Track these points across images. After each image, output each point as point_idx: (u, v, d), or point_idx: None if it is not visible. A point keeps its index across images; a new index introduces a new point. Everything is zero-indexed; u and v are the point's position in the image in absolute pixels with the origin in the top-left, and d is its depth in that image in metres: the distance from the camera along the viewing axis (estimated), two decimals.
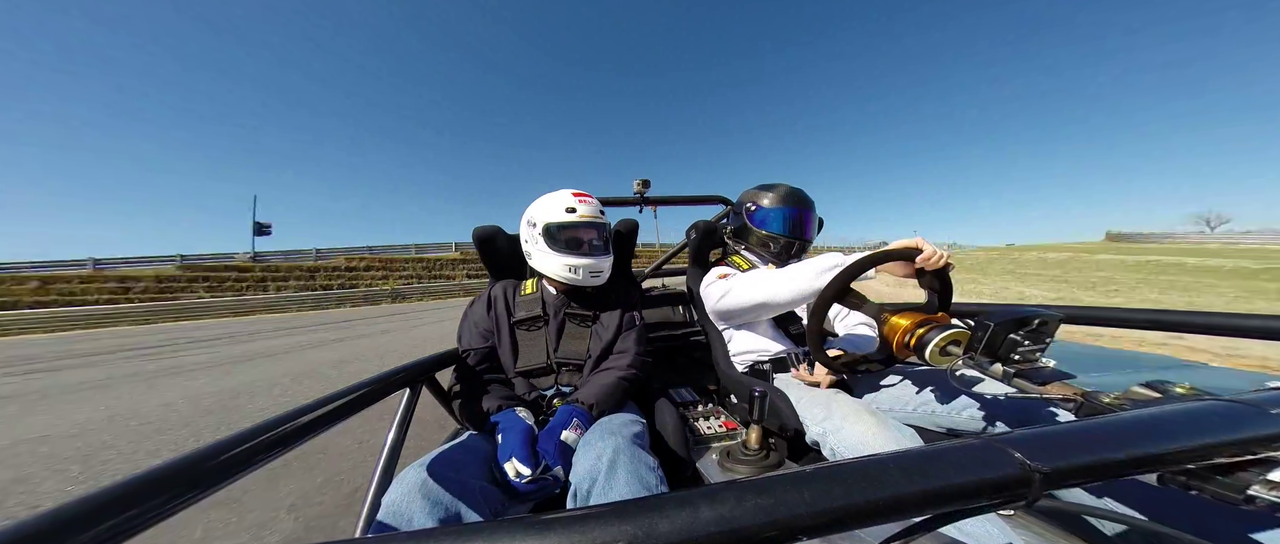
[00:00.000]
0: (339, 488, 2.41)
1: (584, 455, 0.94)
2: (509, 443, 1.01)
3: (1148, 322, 1.08)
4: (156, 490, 0.46)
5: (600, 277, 1.40)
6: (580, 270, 1.36)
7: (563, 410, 1.12)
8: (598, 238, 1.41)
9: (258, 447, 0.59)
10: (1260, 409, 0.38)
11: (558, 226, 1.37)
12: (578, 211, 1.37)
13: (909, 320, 1.10)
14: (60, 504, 0.40)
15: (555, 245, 1.37)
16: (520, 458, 0.96)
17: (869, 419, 1.03)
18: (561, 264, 1.36)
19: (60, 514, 0.39)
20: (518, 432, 1.04)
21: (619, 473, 0.88)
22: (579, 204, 1.38)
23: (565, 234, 1.37)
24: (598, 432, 1.02)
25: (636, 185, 2.52)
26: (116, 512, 0.42)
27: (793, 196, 1.65)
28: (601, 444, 0.93)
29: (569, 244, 1.37)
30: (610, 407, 1.20)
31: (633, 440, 0.96)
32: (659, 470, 0.95)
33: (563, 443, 1.02)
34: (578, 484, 0.90)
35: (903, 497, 0.30)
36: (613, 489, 0.86)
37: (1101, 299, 11.04)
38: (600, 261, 1.38)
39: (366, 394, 0.85)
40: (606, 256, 1.41)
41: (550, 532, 0.27)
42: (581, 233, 1.39)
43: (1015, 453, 0.33)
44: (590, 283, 1.39)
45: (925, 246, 1.05)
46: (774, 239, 1.63)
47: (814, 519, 0.29)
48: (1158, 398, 0.77)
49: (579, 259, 1.36)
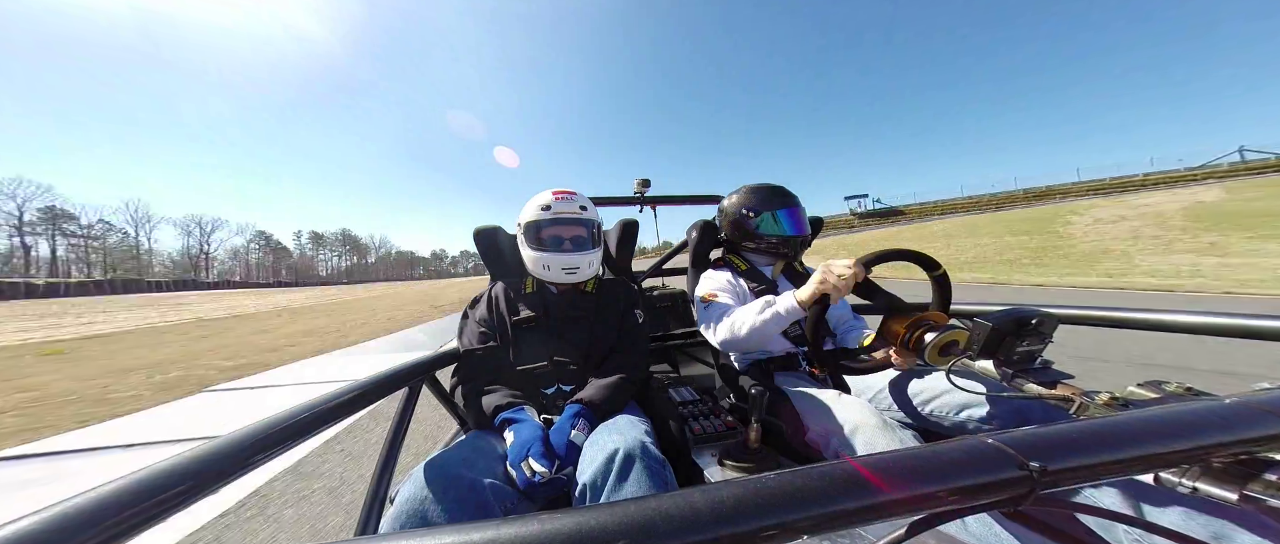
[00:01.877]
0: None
1: (593, 454, 0.94)
2: (522, 441, 1.01)
3: (1148, 322, 1.09)
4: (157, 491, 0.46)
5: (577, 273, 1.38)
6: (552, 266, 1.35)
7: (570, 409, 1.12)
8: (578, 234, 1.39)
9: (258, 446, 0.59)
10: (1256, 410, 0.39)
11: (536, 225, 1.37)
12: (553, 208, 1.36)
13: (908, 320, 1.11)
14: (60, 503, 0.40)
15: (535, 243, 1.37)
16: (536, 456, 0.97)
17: (868, 418, 1.04)
18: (539, 263, 1.36)
19: (61, 514, 0.39)
20: (531, 430, 1.04)
21: (630, 472, 0.88)
22: (556, 201, 1.37)
23: (543, 232, 1.37)
24: (605, 431, 1.02)
25: (636, 185, 2.52)
26: (115, 513, 0.42)
27: (786, 196, 1.65)
28: (611, 444, 0.93)
29: (547, 242, 1.37)
30: (615, 407, 1.20)
31: (642, 440, 0.96)
32: (666, 467, 0.96)
33: (571, 443, 1.03)
34: (587, 483, 0.90)
35: (902, 496, 0.31)
36: (624, 488, 0.87)
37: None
38: (576, 258, 1.36)
39: (366, 394, 0.85)
40: (586, 253, 1.39)
41: (553, 529, 0.27)
42: (559, 230, 1.38)
43: (1013, 452, 0.33)
44: (565, 280, 1.38)
45: (829, 276, 1.13)
46: (775, 240, 1.63)
47: (814, 518, 0.29)
48: (1155, 398, 0.77)
49: (552, 256, 1.35)
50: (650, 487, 0.88)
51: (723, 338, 1.42)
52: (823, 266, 1.17)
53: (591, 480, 0.89)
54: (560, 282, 1.39)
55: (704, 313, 1.57)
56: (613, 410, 1.18)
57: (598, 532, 0.27)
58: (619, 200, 2.57)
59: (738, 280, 1.62)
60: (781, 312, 1.25)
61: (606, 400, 1.18)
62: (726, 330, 1.39)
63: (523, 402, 1.19)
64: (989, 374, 1.20)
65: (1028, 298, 5.31)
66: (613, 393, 1.21)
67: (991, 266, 13.94)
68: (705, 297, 1.59)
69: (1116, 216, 18.59)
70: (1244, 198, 18.69)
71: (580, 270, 1.38)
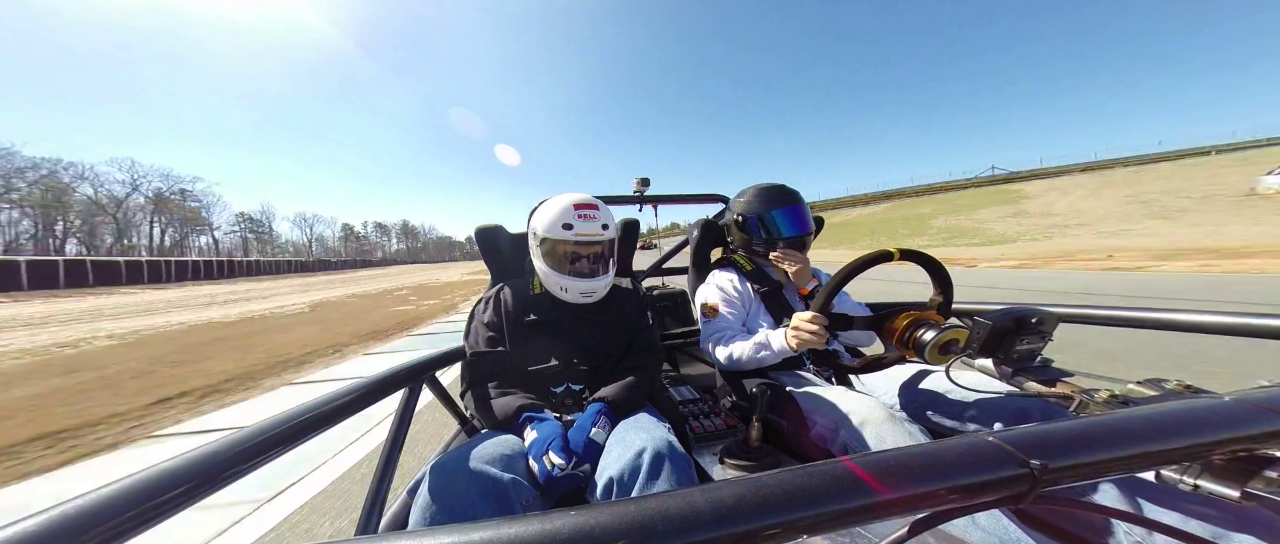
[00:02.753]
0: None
1: (620, 451, 0.95)
2: (544, 436, 1.02)
3: (1147, 321, 1.09)
4: (157, 491, 0.46)
5: (592, 297, 1.36)
6: (570, 290, 1.32)
7: (593, 407, 1.13)
8: (596, 257, 1.33)
9: (257, 447, 0.59)
10: (1256, 407, 0.39)
11: (555, 243, 1.30)
12: (576, 229, 1.26)
13: (908, 319, 1.11)
14: (60, 503, 0.40)
15: (551, 261, 1.32)
16: (556, 450, 0.98)
17: (869, 416, 1.04)
18: (554, 282, 1.33)
19: (61, 514, 0.39)
20: (552, 427, 1.06)
21: (661, 470, 0.90)
22: (579, 220, 1.27)
23: (562, 250, 1.30)
24: (630, 429, 1.04)
25: (636, 183, 2.52)
26: (116, 513, 0.42)
27: (788, 195, 1.65)
28: (639, 441, 0.95)
29: (566, 260, 1.31)
30: (634, 406, 1.21)
31: (669, 439, 0.97)
32: (692, 468, 0.97)
33: (591, 440, 1.04)
34: (614, 477, 0.91)
35: (903, 493, 0.31)
36: (655, 485, 0.88)
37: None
38: (593, 283, 1.32)
39: (366, 394, 0.85)
40: (602, 277, 1.35)
41: (553, 529, 0.27)
42: (580, 250, 1.30)
43: (1014, 450, 0.33)
44: (581, 302, 1.36)
45: (801, 334, 1.17)
46: (779, 241, 1.63)
47: (816, 516, 0.29)
48: (1155, 396, 0.77)
49: (570, 281, 1.31)
50: (679, 485, 0.88)
51: (721, 363, 1.48)
52: (792, 327, 1.19)
53: (619, 475, 0.90)
54: (576, 303, 1.36)
55: (705, 326, 1.59)
56: (632, 409, 1.19)
57: (598, 531, 0.27)
58: (619, 199, 2.57)
59: (742, 283, 1.62)
60: (774, 351, 1.30)
61: (627, 400, 1.19)
62: (724, 358, 1.44)
63: (542, 403, 1.21)
64: (989, 373, 1.20)
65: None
66: (631, 392, 1.22)
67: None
68: (706, 309, 1.60)
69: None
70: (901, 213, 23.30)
71: (597, 293, 1.35)
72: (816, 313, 1.15)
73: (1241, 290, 6.42)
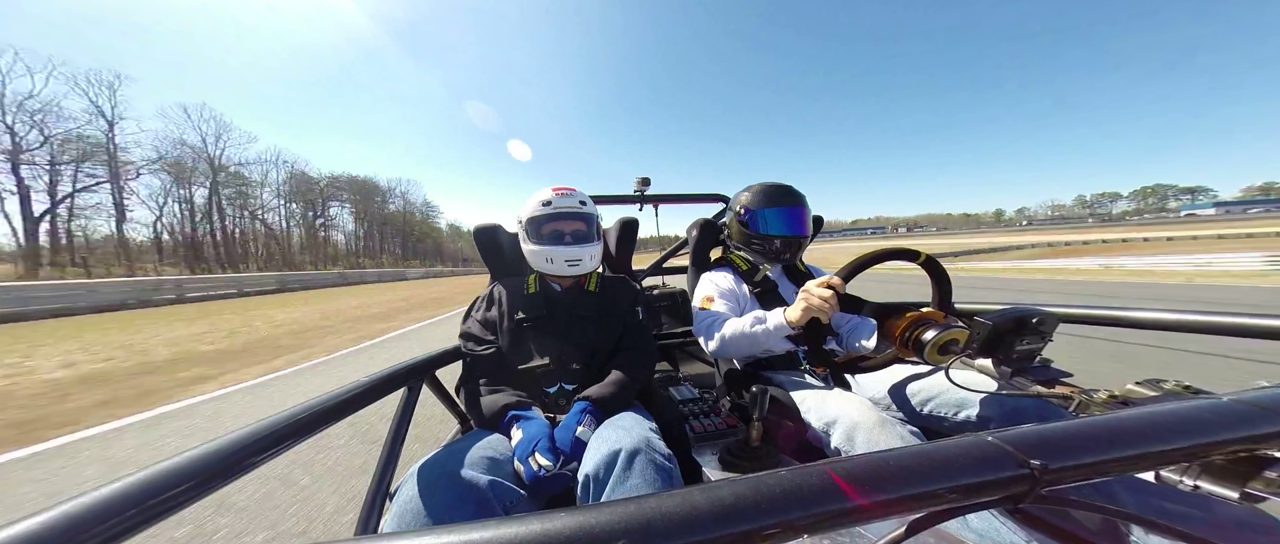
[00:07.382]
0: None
1: (597, 449, 0.95)
2: (529, 437, 1.02)
3: (1148, 322, 1.08)
4: (157, 491, 0.46)
5: (580, 265, 1.40)
6: (555, 259, 1.38)
7: (577, 406, 1.13)
8: (578, 229, 1.42)
9: (258, 447, 0.59)
10: (1255, 407, 0.39)
11: (537, 220, 1.41)
12: (553, 203, 1.40)
13: (908, 320, 1.11)
14: (60, 503, 0.40)
15: (537, 239, 1.41)
16: (542, 450, 0.97)
17: (868, 417, 1.04)
18: (541, 258, 1.40)
19: (61, 514, 0.39)
20: (538, 427, 1.05)
21: (634, 467, 0.89)
22: (556, 197, 1.41)
23: (544, 226, 1.41)
24: (611, 427, 1.03)
25: (636, 183, 2.52)
26: (116, 513, 0.42)
27: (787, 195, 1.65)
28: (615, 439, 0.94)
29: (549, 236, 1.40)
30: (620, 404, 1.20)
31: (648, 436, 0.96)
32: (673, 464, 0.96)
33: (577, 439, 1.03)
34: (589, 474, 0.90)
35: (902, 494, 0.31)
36: (627, 484, 0.87)
37: None
38: (578, 250, 1.39)
39: (366, 393, 0.85)
40: (587, 246, 1.42)
41: (553, 528, 0.27)
42: (560, 224, 1.41)
43: (1014, 451, 0.33)
44: (568, 272, 1.41)
45: (811, 299, 1.16)
46: (773, 239, 1.63)
47: (815, 516, 0.29)
48: (1154, 396, 0.77)
49: (554, 249, 1.38)
50: (654, 483, 0.88)
51: (715, 348, 1.47)
52: (803, 291, 1.19)
53: (593, 473, 0.90)
54: (563, 274, 1.41)
55: (698, 320, 1.58)
56: (619, 407, 1.19)
57: (598, 530, 0.27)
58: (619, 199, 2.57)
59: (738, 281, 1.62)
60: (770, 327, 1.29)
61: (613, 397, 1.19)
62: (718, 340, 1.44)
63: (530, 401, 1.20)
64: (988, 373, 1.20)
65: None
66: (618, 390, 1.21)
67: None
68: (701, 303, 1.60)
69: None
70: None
71: (583, 262, 1.41)
72: (834, 278, 1.15)
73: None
